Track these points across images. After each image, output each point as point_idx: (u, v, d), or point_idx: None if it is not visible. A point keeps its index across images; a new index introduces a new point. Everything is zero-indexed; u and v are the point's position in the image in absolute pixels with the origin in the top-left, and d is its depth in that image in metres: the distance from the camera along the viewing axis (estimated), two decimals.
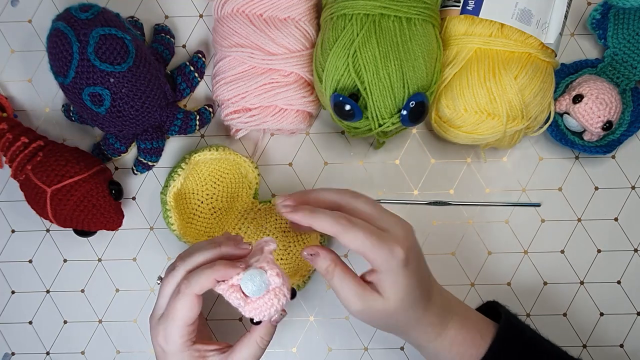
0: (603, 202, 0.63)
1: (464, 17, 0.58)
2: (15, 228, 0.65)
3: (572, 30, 0.64)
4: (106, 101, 0.55)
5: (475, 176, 0.64)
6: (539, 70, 0.57)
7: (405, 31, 0.54)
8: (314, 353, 0.63)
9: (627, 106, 0.61)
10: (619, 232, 0.63)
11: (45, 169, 0.56)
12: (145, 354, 0.64)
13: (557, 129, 0.61)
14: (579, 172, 0.64)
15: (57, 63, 0.55)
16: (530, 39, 0.57)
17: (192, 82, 0.63)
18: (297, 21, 0.58)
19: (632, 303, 0.63)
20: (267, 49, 0.58)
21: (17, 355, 0.64)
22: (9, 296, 0.65)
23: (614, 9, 0.61)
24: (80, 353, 0.64)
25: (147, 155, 0.61)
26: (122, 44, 0.54)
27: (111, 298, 0.64)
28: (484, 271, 0.63)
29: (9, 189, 0.64)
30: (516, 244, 0.64)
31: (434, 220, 0.64)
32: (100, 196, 0.57)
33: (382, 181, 0.64)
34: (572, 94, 0.59)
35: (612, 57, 0.61)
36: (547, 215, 0.64)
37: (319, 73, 0.57)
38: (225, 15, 0.59)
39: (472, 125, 0.58)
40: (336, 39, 0.55)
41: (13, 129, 0.59)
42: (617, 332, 0.63)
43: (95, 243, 0.64)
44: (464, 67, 0.57)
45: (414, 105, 0.54)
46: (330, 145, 0.64)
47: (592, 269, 0.63)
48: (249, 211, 0.62)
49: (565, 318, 0.63)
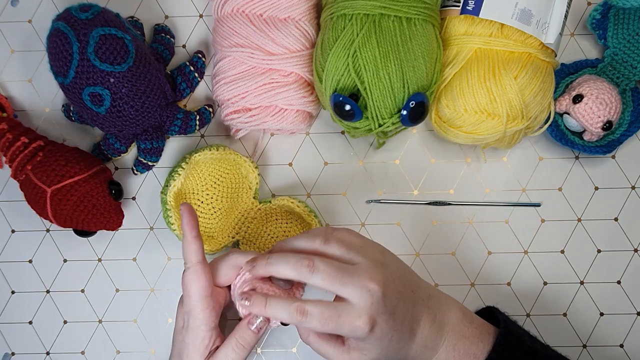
0: (603, 202, 0.63)
1: (464, 17, 0.58)
2: (15, 228, 0.65)
3: (572, 30, 0.64)
4: (106, 101, 0.55)
5: (475, 176, 0.64)
6: (539, 70, 0.57)
7: (405, 31, 0.54)
8: (314, 353, 0.63)
9: (627, 106, 0.61)
10: (619, 232, 0.63)
11: (45, 169, 0.56)
12: (145, 354, 0.64)
13: (557, 129, 0.61)
14: (579, 172, 0.64)
15: (57, 63, 0.55)
16: (530, 39, 0.57)
17: (192, 82, 0.63)
18: (297, 21, 0.58)
19: (632, 303, 0.63)
20: (267, 49, 0.58)
21: (17, 355, 0.64)
22: (9, 296, 0.65)
23: (614, 9, 0.61)
24: (80, 353, 0.64)
25: (147, 155, 0.61)
26: (122, 44, 0.54)
27: (111, 298, 0.64)
28: (484, 271, 0.63)
29: (9, 189, 0.64)
30: (516, 244, 0.64)
31: (434, 220, 0.64)
32: (100, 196, 0.57)
33: (382, 181, 0.64)
34: (572, 94, 0.59)
35: (612, 57, 0.61)
36: (547, 215, 0.64)
37: (319, 73, 0.57)
38: (225, 15, 0.59)
39: (472, 125, 0.57)
40: (336, 39, 0.55)
41: (13, 129, 0.59)
42: (617, 332, 0.63)
43: (95, 243, 0.64)
44: (464, 67, 0.57)
45: (414, 105, 0.54)
46: (330, 145, 0.64)
47: (592, 269, 0.63)
48: (249, 211, 0.62)
49: (565, 318, 0.63)
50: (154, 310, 0.64)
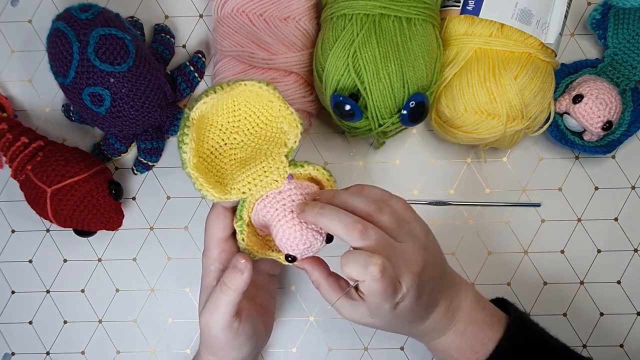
0: (603, 202, 0.63)
1: (464, 17, 0.58)
2: (15, 228, 0.65)
3: (572, 30, 0.64)
4: (106, 101, 0.55)
5: (475, 176, 0.64)
6: (539, 70, 0.57)
7: (405, 31, 0.54)
8: (314, 353, 0.63)
9: (627, 106, 0.61)
10: (619, 232, 0.63)
11: (45, 169, 0.56)
12: (145, 354, 0.64)
13: (557, 129, 0.61)
14: (579, 172, 0.64)
15: (57, 63, 0.55)
16: (530, 39, 0.57)
17: (192, 82, 0.63)
18: (297, 21, 0.58)
19: (632, 303, 0.63)
20: (267, 49, 0.58)
21: (17, 355, 0.64)
22: (9, 296, 0.65)
23: (614, 9, 0.61)
24: (80, 353, 0.64)
25: (147, 155, 0.61)
26: (122, 44, 0.54)
27: (111, 298, 0.64)
28: (484, 271, 0.63)
29: (9, 189, 0.64)
30: (516, 244, 0.64)
31: (434, 220, 0.63)
32: (100, 196, 0.57)
33: (382, 181, 0.64)
34: (572, 94, 0.59)
35: (612, 57, 0.61)
36: (547, 215, 0.64)
37: (319, 73, 0.57)
38: (225, 15, 0.59)
39: (472, 125, 0.58)
40: (336, 39, 0.55)
41: (13, 129, 0.59)
42: (617, 332, 0.63)
43: (95, 243, 0.64)
44: (464, 67, 0.57)
45: (414, 105, 0.54)
46: (330, 145, 0.64)
47: (592, 269, 0.63)
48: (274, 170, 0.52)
49: (565, 318, 0.63)
50: (154, 310, 0.64)
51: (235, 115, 0.52)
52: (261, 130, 0.53)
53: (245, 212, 0.51)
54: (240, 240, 0.51)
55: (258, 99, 0.51)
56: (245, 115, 0.52)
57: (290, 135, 0.52)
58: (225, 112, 0.51)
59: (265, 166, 0.51)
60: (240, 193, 0.51)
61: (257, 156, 0.52)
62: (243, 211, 0.51)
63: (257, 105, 0.52)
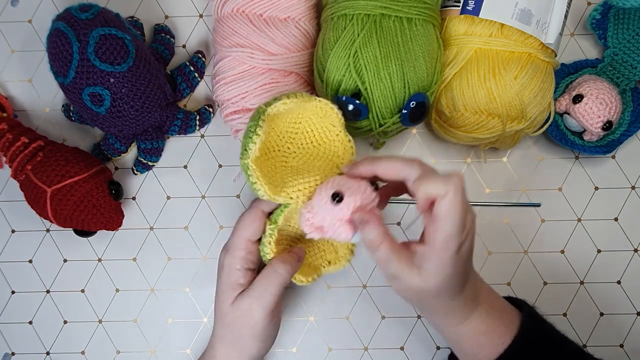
0: (603, 202, 0.63)
1: (464, 17, 0.58)
2: (15, 228, 0.65)
3: (572, 30, 0.64)
4: (106, 101, 0.55)
5: (475, 176, 0.64)
6: (539, 70, 0.57)
7: (406, 31, 0.54)
8: (314, 353, 0.63)
9: (627, 106, 0.61)
10: (619, 232, 0.63)
11: (45, 169, 0.56)
12: (145, 354, 0.64)
13: (557, 129, 0.61)
14: (579, 172, 0.64)
15: (57, 63, 0.55)
16: (530, 39, 0.57)
17: (192, 82, 0.63)
18: (297, 21, 0.58)
19: (632, 303, 0.63)
20: (267, 49, 0.58)
21: (17, 355, 0.64)
22: (9, 296, 0.65)
23: (614, 9, 0.61)
24: (80, 353, 0.64)
25: (147, 155, 0.61)
26: (122, 44, 0.54)
27: (111, 298, 0.64)
28: (484, 271, 0.63)
29: (9, 189, 0.64)
30: (516, 244, 0.64)
31: None
32: (100, 196, 0.57)
33: None
34: (572, 94, 0.59)
35: (612, 57, 0.61)
36: (547, 215, 0.64)
37: (319, 73, 0.57)
38: (225, 15, 0.59)
39: (472, 125, 0.58)
40: (337, 39, 0.55)
41: (13, 129, 0.59)
42: (617, 332, 0.63)
43: (95, 243, 0.64)
44: (464, 67, 0.57)
45: (414, 106, 0.54)
46: None
47: (592, 269, 0.63)
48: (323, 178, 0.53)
49: (565, 318, 0.63)
50: (154, 310, 0.64)
51: (295, 127, 0.54)
52: (314, 148, 0.55)
53: (281, 217, 0.52)
54: (267, 244, 0.53)
55: (322, 119, 0.53)
56: (303, 130, 0.54)
57: (344, 160, 0.54)
58: (289, 120, 0.53)
59: (319, 179, 0.52)
60: (288, 198, 0.51)
61: (308, 169, 0.54)
62: (280, 216, 0.52)
63: (317, 124, 0.54)
